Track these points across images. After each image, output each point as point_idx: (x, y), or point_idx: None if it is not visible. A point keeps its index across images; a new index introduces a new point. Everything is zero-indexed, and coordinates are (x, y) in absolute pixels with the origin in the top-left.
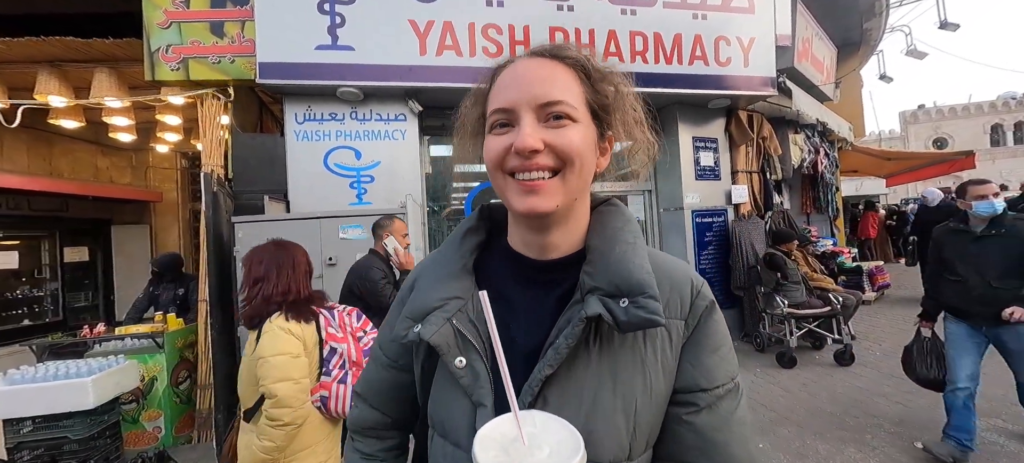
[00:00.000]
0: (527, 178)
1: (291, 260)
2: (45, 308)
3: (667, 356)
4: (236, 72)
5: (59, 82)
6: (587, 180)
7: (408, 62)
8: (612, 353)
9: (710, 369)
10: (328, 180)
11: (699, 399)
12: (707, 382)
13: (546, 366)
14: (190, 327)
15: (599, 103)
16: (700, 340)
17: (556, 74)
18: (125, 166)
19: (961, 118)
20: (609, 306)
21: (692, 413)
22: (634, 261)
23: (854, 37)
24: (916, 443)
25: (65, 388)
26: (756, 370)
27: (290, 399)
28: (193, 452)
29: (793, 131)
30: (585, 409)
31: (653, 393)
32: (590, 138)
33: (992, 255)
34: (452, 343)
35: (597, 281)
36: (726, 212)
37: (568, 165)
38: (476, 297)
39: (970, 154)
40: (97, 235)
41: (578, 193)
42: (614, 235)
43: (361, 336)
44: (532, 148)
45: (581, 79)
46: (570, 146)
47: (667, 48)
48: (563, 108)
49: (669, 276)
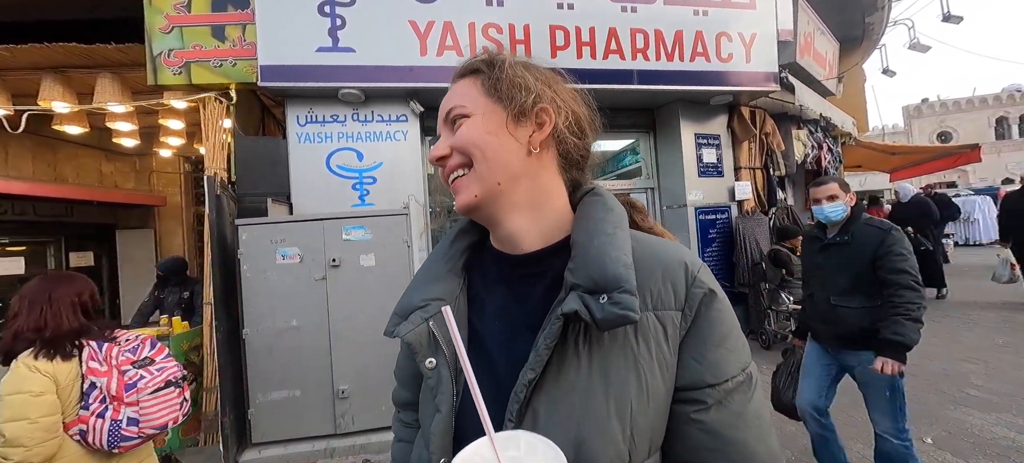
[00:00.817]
0: (452, 183)
1: (47, 294)
2: None
3: (663, 352)
4: (238, 75)
5: (63, 88)
6: (505, 162)
7: (409, 63)
8: (602, 353)
9: (716, 363)
10: (331, 182)
11: (707, 396)
12: (714, 377)
13: (529, 370)
14: (195, 330)
15: (491, 83)
16: (702, 331)
17: (456, 89)
18: (129, 171)
19: (965, 111)
20: (587, 302)
21: (700, 411)
22: (611, 253)
23: (856, 31)
24: (925, 439)
25: None
26: (762, 367)
27: (22, 438)
28: (199, 455)
29: (796, 126)
30: (576, 416)
31: (650, 393)
32: (488, 123)
33: (835, 266)
34: (424, 344)
35: (577, 277)
36: (730, 209)
37: (472, 156)
38: (461, 298)
39: (976, 147)
40: (102, 240)
41: (500, 177)
42: (594, 227)
43: (128, 369)
44: (436, 157)
45: (478, 79)
46: (461, 139)
47: (668, 45)
48: (455, 111)
49: (660, 262)
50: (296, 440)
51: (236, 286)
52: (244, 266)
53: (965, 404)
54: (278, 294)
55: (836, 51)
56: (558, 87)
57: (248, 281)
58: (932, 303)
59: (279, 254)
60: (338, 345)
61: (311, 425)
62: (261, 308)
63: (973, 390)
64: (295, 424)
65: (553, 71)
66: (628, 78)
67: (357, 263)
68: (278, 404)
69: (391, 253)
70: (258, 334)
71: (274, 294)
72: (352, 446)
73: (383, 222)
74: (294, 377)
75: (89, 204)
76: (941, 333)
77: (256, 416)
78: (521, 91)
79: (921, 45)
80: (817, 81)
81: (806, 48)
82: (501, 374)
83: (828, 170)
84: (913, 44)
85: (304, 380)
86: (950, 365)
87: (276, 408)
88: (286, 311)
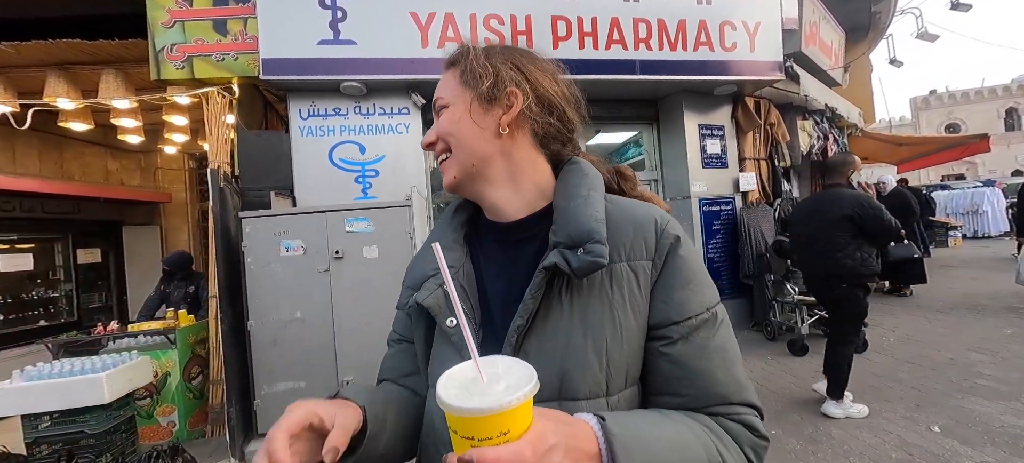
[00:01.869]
0: (439, 165)
1: None
2: (60, 308)
3: (635, 296)
4: (240, 69)
5: (68, 85)
6: (475, 144)
7: (410, 55)
8: (582, 301)
9: (681, 302)
10: (333, 175)
11: (672, 332)
12: (678, 315)
13: (518, 318)
14: (201, 323)
15: (464, 75)
16: (668, 276)
17: (441, 80)
18: (134, 168)
19: (974, 102)
20: (566, 256)
21: (667, 345)
22: (585, 212)
23: (862, 20)
24: (933, 427)
25: (80, 384)
26: (767, 358)
27: None
28: (206, 446)
29: (801, 117)
30: (559, 353)
31: (623, 330)
32: (462, 109)
33: None
34: (443, 305)
35: (558, 236)
36: (734, 200)
37: (450, 142)
38: (467, 264)
39: (985, 137)
40: (109, 236)
41: (474, 159)
42: (571, 191)
43: None
44: (426, 144)
45: (454, 69)
46: (441, 128)
47: (671, 34)
48: (438, 102)
49: (632, 219)
50: None
51: (240, 279)
52: (248, 259)
53: (973, 393)
54: (282, 286)
55: (842, 40)
56: (530, 69)
57: (252, 273)
58: (937, 294)
59: (283, 246)
60: (342, 337)
61: None
62: (265, 300)
63: (981, 379)
64: None
65: (528, 54)
66: (631, 68)
67: (360, 255)
68: (283, 395)
69: (394, 245)
70: (263, 326)
71: (278, 286)
72: None
73: (386, 214)
74: (298, 369)
75: (96, 201)
76: (949, 322)
77: (262, 407)
78: (486, 78)
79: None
80: (822, 71)
81: (811, 37)
82: (498, 325)
83: None
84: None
85: (308, 372)
86: (958, 354)
87: (281, 399)
88: (290, 303)
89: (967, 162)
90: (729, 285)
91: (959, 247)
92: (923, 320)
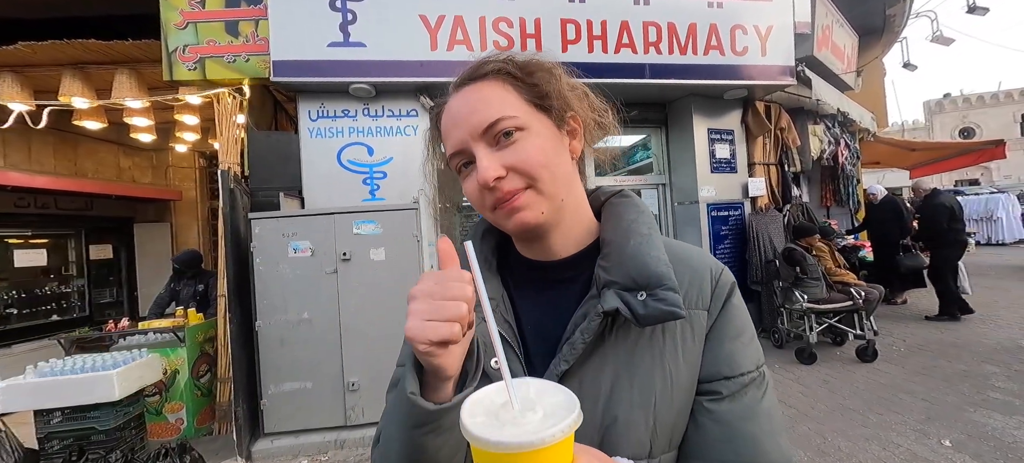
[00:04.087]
0: (506, 203)
1: None
2: (72, 304)
3: (689, 348)
4: (251, 71)
5: (82, 84)
6: (565, 177)
7: (419, 58)
8: (629, 347)
9: (732, 355)
10: (342, 176)
11: (722, 387)
12: (730, 369)
13: (562, 361)
14: (210, 321)
15: (538, 94)
16: (722, 327)
17: (484, 93)
18: (146, 166)
19: (990, 107)
20: (627, 300)
21: (715, 401)
22: (650, 253)
23: (876, 23)
24: (944, 441)
25: (92, 381)
26: (775, 366)
27: None
28: (213, 443)
29: (812, 122)
30: (602, 404)
31: (674, 387)
32: (546, 135)
33: None
34: (488, 342)
35: (613, 275)
36: (743, 205)
37: (538, 177)
38: (506, 297)
39: (1001, 143)
40: (121, 233)
41: (563, 194)
42: (628, 227)
43: None
44: (493, 179)
45: (510, 83)
46: (528, 160)
47: (681, 38)
48: (504, 124)
49: (688, 265)
50: (307, 431)
51: (249, 279)
52: (257, 259)
53: (986, 406)
54: (290, 287)
55: (855, 44)
56: (565, 88)
57: (261, 274)
58: None
59: (291, 247)
60: (348, 338)
61: (322, 416)
62: (273, 301)
63: (995, 392)
64: (306, 415)
65: (565, 67)
66: (640, 72)
67: (367, 257)
68: (290, 395)
69: (401, 247)
70: (271, 326)
71: (286, 287)
72: (362, 438)
73: (393, 216)
74: (305, 369)
75: (108, 198)
76: (963, 333)
77: (268, 407)
78: (556, 98)
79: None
80: (835, 75)
81: (824, 41)
82: (536, 366)
83: (845, 167)
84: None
85: (315, 372)
86: (971, 365)
87: (288, 399)
88: (298, 304)
89: (982, 167)
90: None
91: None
92: (934, 329)
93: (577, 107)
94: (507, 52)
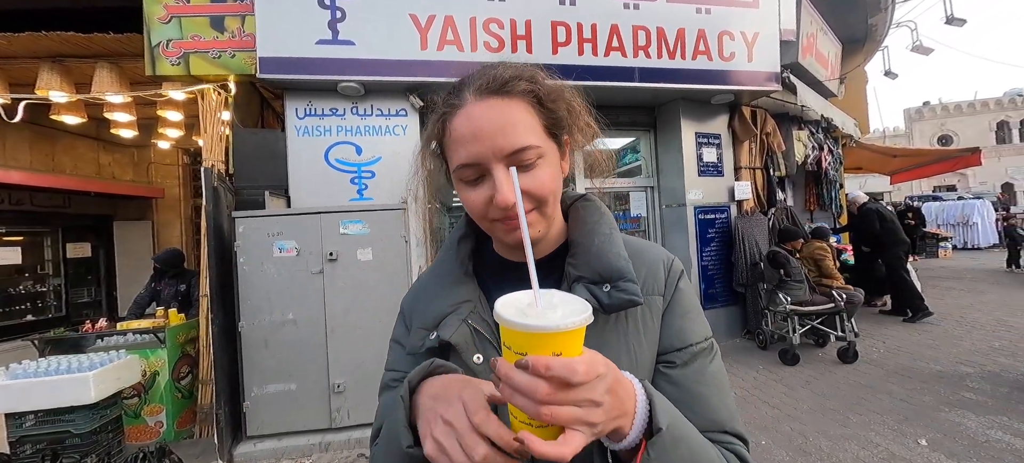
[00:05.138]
0: (512, 221)
1: None
2: (48, 303)
3: (649, 328)
4: (236, 67)
5: (61, 78)
6: (559, 196)
7: (409, 57)
8: (598, 332)
9: (683, 330)
10: (329, 175)
11: (676, 357)
12: (681, 342)
13: None
14: (191, 322)
15: (553, 122)
16: (673, 307)
17: (512, 115)
18: (127, 163)
19: (967, 115)
20: (594, 292)
21: (671, 368)
22: (612, 250)
23: (859, 33)
24: (920, 440)
25: (66, 383)
26: (759, 368)
27: None
28: (194, 447)
29: (797, 127)
30: None
31: (639, 362)
32: (555, 163)
33: None
34: (470, 341)
35: (581, 271)
36: (729, 209)
37: (545, 202)
38: (483, 299)
39: (976, 151)
40: (99, 231)
41: (556, 209)
42: (592, 228)
43: None
44: (513, 204)
45: (534, 107)
46: (544, 188)
47: (670, 43)
48: (529, 155)
49: (644, 259)
50: (291, 433)
51: (232, 279)
52: (241, 259)
53: (961, 406)
54: (275, 287)
55: (838, 52)
56: (581, 127)
57: (245, 274)
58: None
59: (276, 247)
60: (334, 340)
61: (306, 419)
62: (257, 301)
63: (969, 392)
64: (290, 418)
65: (573, 91)
66: (630, 75)
67: (354, 258)
68: (273, 397)
69: (389, 248)
70: (254, 327)
71: (271, 287)
72: (347, 440)
73: (381, 217)
74: (290, 371)
75: (87, 195)
76: (937, 335)
77: (251, 409)
78: (569, 131)
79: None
80: (819, 82)
81: (809, 48)
82: None
83: (828, 172)
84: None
85: (300, 374)
86: (947, 367)
87: (271, 401)
88: (282, 304)
89: (958, 174)
90: (722, 293)
91: (950, 258)
92: (913, 331)
93: (577, 136)
94: (532, 67)
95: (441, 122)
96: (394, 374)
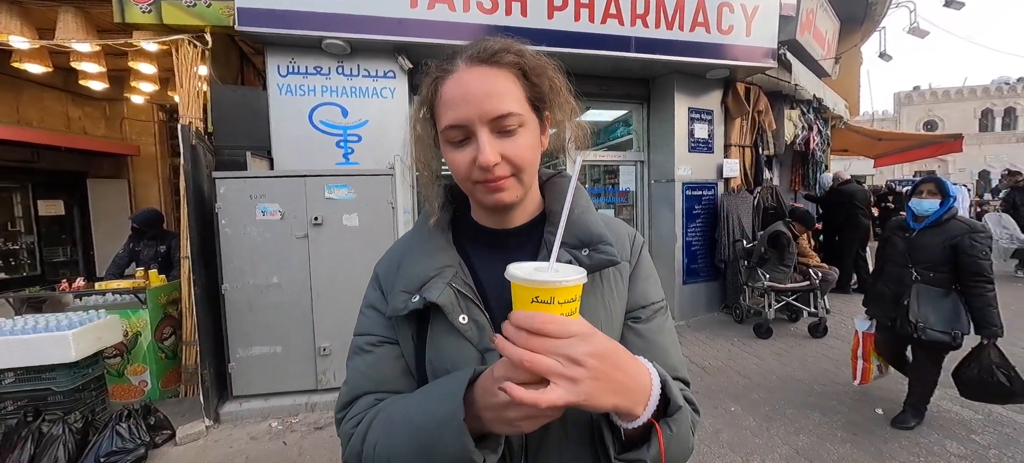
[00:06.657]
0: (492, 183)
1: None
2: (21, 262)
3: (620, 288)
4: (213, 17)
5: (21, 21)
6: (536, 164)
7: (398, 15)
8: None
9: (646, 291)
10: (313, 138)
11: (641, 313)
12: (645, 300)
13: None
14: (173, 284)
15: (536, 96)
16: (638, 272)
17: (499, 83)
18: (99, 117)
19: (954, 101)
20: (574, 255)
21: (637, 321)
22: (591, 218)
23: (859, 11)
24: (877, 409)
25: (46, 341)
26: (734, 340)
27: None
28: (180, 405)
29: (789, 106)
30: None
31: (613, 316)
32: (535, 134)
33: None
34: (455, 303)
35: (564, 238)
36: (716, 186)
37: (524, 169)
38: (463, 265)
39: (958, 137)
40: (72, 189)
41: (532, 179)
42: (573, 200)
43: None
44: (494, 165)
45: (519, 78)
46: (523, 155)
47: (668, 12)
48: (512, 120)
49: (616, 233)
50: (278, 394)
51: (214, 241)
52: (223, 221)
53: None
54: (258, 251)
55: (836, 30)
56: (561, 104)
57: (227, 236)
58: None
59: (259, 210)
60: (320, 303)
61: (292, 380)
62: (241, 264)
63: None
64: (277, 379)
65: (552, 62)
66: (626, 45)
67: (340, 222)
68: (259, 359)
69: (375, 214)
70: (238, 290)
71: (254, 250)
72: (334, 401)
73: (368, 182)
74: (275, 334)
75: (57, 150)
76: None
77: (237, 370)
78: (550, 106)
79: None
80: (814, 61)
81: (807, 25)
82: (499, 322)
83: (815, 152)
84: (912, 28)
85: (285, 337)
86: None
87: (257, 363)
88: (266, 268)
89: (939, 160)
90: (704, 268)
91: None
92: None
93: (558, 113)
94: (519, 43)
95: (433, 86)
96: (369, 338)
